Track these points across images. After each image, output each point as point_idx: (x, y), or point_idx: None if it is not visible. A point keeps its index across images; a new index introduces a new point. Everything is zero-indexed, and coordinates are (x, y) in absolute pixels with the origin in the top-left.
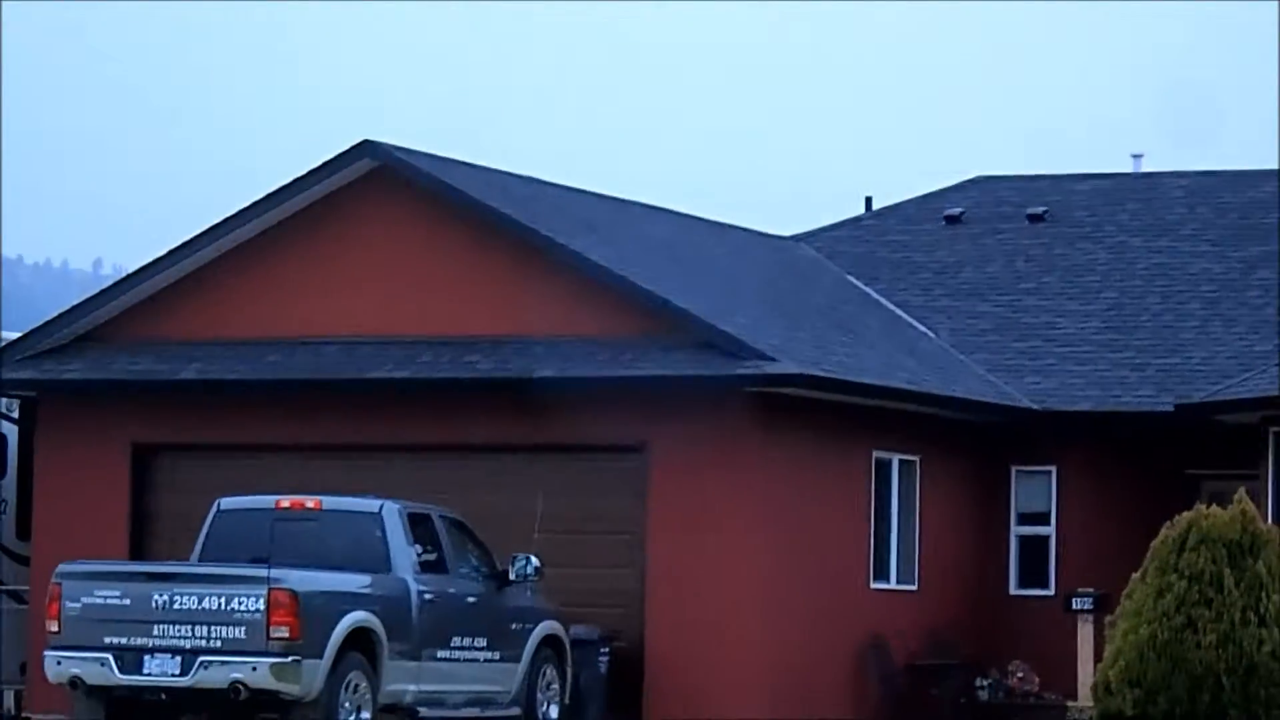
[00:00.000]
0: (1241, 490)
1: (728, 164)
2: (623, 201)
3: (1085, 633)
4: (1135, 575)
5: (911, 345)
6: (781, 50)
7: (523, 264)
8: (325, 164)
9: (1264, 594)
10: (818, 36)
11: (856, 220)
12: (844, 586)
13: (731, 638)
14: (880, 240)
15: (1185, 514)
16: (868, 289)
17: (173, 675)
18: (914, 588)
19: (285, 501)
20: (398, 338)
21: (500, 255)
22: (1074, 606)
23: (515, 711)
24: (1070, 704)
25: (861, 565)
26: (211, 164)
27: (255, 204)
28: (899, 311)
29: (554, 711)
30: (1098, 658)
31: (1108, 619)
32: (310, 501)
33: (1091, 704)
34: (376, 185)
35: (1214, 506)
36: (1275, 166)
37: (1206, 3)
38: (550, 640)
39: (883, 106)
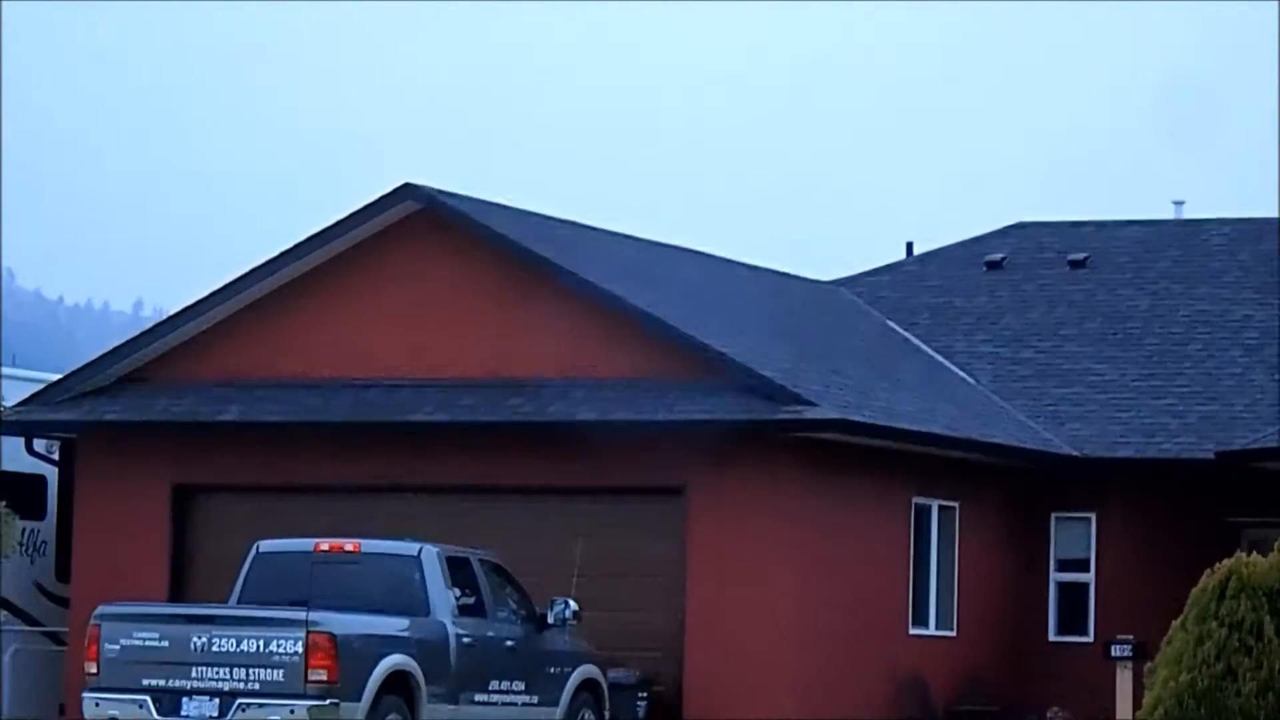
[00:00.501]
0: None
1: (768, 208)
2: (662, 246)
3: (1124, 680)
4: (1175, 623)
5: (951, 391)
6: (822, 93)
7: (563, 306)
8: (367, 206)
9: None
10: (858, 80)
11: (897, 265)
12: (882, 632)
13: (769, 683)
14: (921, 285)
15: (1225, 561)
16: (908, 334)
17: (210, 717)
18: (953, 633)
19: (324, 544)
20: (438, 380)
21: (542, 298)
22: (1113, 654)
23: None
24: None
25: (900, 611)
26: (253, 207)
27: (297, 246)
28: (939, 357)
29: None
30: (1137, 705)
31: (1147, 666)
32: (349, 544)
33: None
34: (417, 227)
35: (1254, 554)
36: None
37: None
38: (588, 684)
39: (925, 151)
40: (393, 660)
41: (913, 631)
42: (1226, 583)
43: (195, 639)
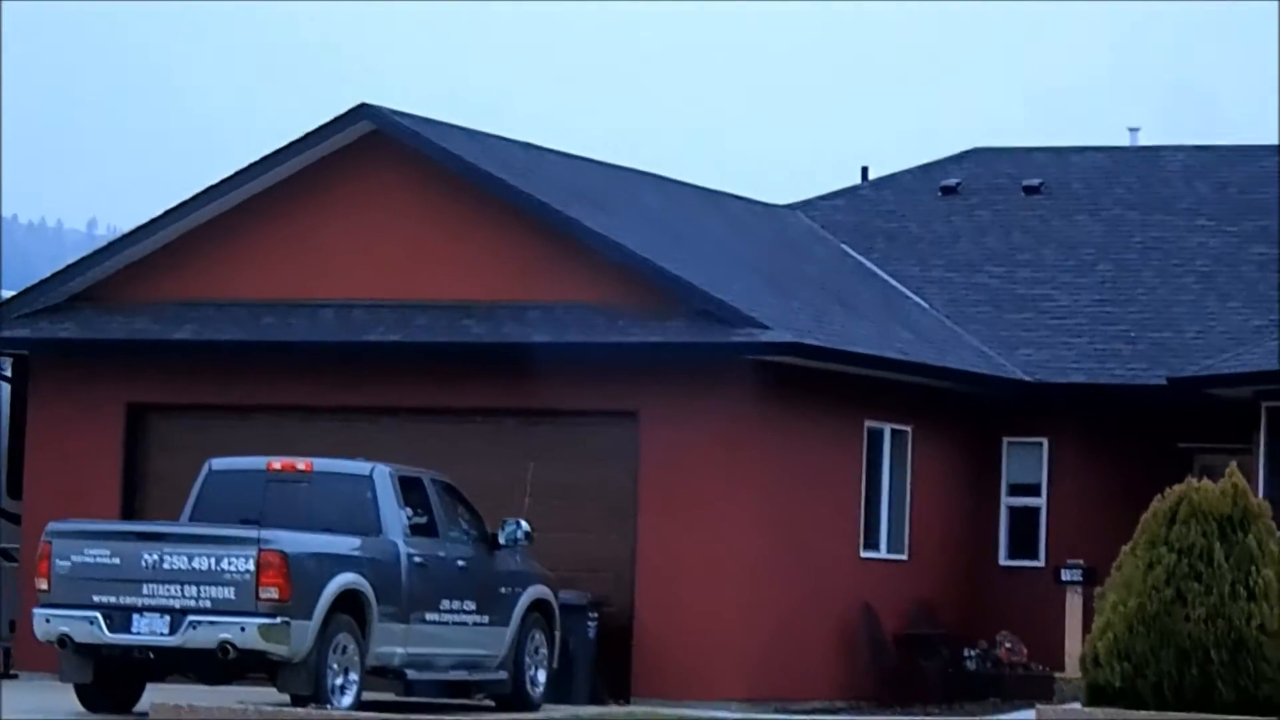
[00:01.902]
0: (1233, 464)
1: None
2: (620, 169)
3: (1074, 605)
4: (1125, 548)
5: (906, 316)
6: (779, 19)
7: (519, 231)
8: (322, 127)
9: (1254, 568)
10: (816, 5)
11: (853, 190)
12: (834, 556)
13: (720, 604)
14: (876, 211)
15: (1176, 487)
16: (863, 259)
17: (161, 635)
18: (904, 558)
19: (276, 463)
20: (392, 302)
21: (496, 222)
22: (1064, 578)
23: (503, 675)
24: (1058, 675)
25: (852, 535)
26: (208, 126)
27: (251, 166)
28: (894, 282)
29: (542, 676)
30: (1086, 630)
31: (1097, 591)
32: (301, 464)
33: (1079, 676)
34: (373, 149)
35: (1205, 480)
36: (1274, 141)
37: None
38: (539, 605)
39: (880, 77)
40: (344, 579)
41: (864, 555)
42: (1177, 508)
43: (146, 556)
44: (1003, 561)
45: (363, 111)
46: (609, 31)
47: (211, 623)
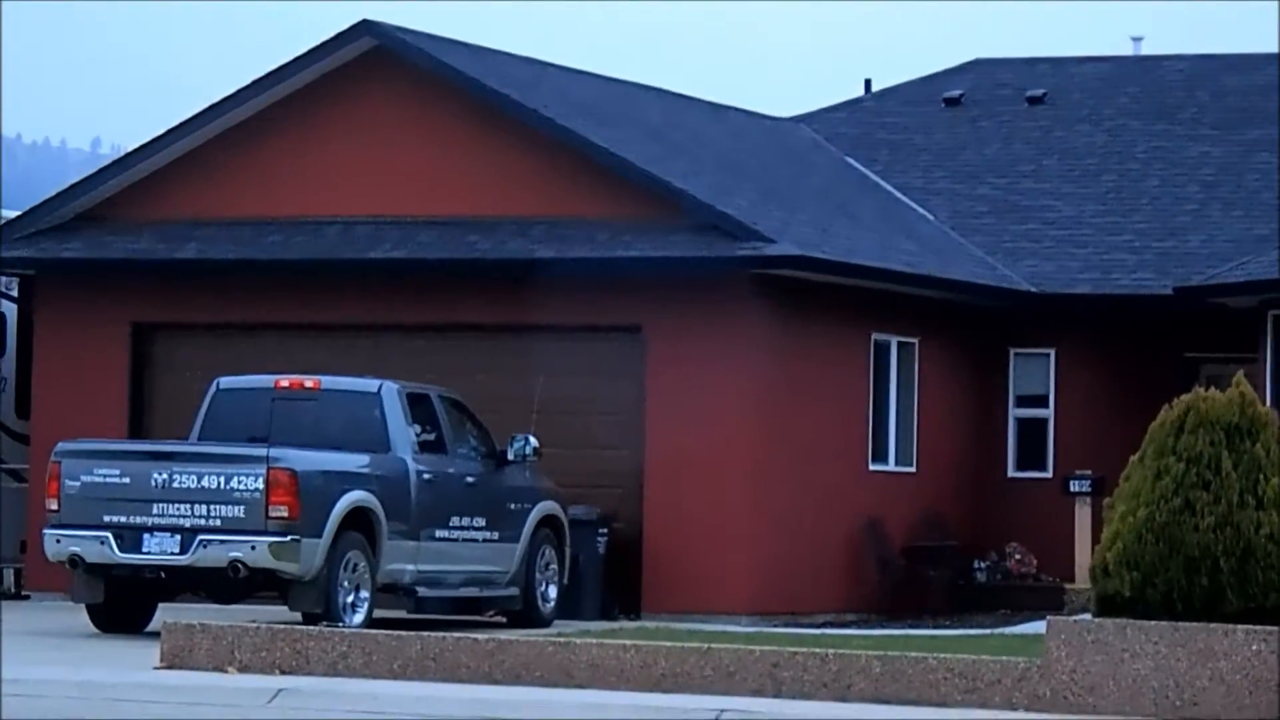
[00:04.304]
0: (1240, 373)
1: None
2: (622, 83)
3: (1083, 515)
4: (1133, 458)
5: (910, 228)
6: None
7: (522, 146)
8: (324, 43)
9: (1261, 477)
10: None
11: (855, 102)
12: (842, 469)
13: (728, 518)
14: (879, 122)
15: (1183, 397)
16: (866, 171)
17: (171, 554)
18: (912, 470)
19: (284, 381)
20: (396, 219)
21: (499, 137)
22: (1072, 489)
23: (514, 591)
24: (1068, 586)
25: (860, 448)
26: (212, 43)
27: (253, 83)
28: (898, 194)
29: (552, 591)
30: (1095, 540)
31: (1105, 501)
32: (309, 381)
33: (1089, 586)
34: (375, 66)
35: (1212, 389)
36: (1276, 50)
37: None
38: (549, 520)
39: None
40: (353, 496)
41: (872, 468)
42: (1184, 418)
43: (156, 475)
44: (1011, 473)
45: (364, 28)
46: None
47: (222, 541)
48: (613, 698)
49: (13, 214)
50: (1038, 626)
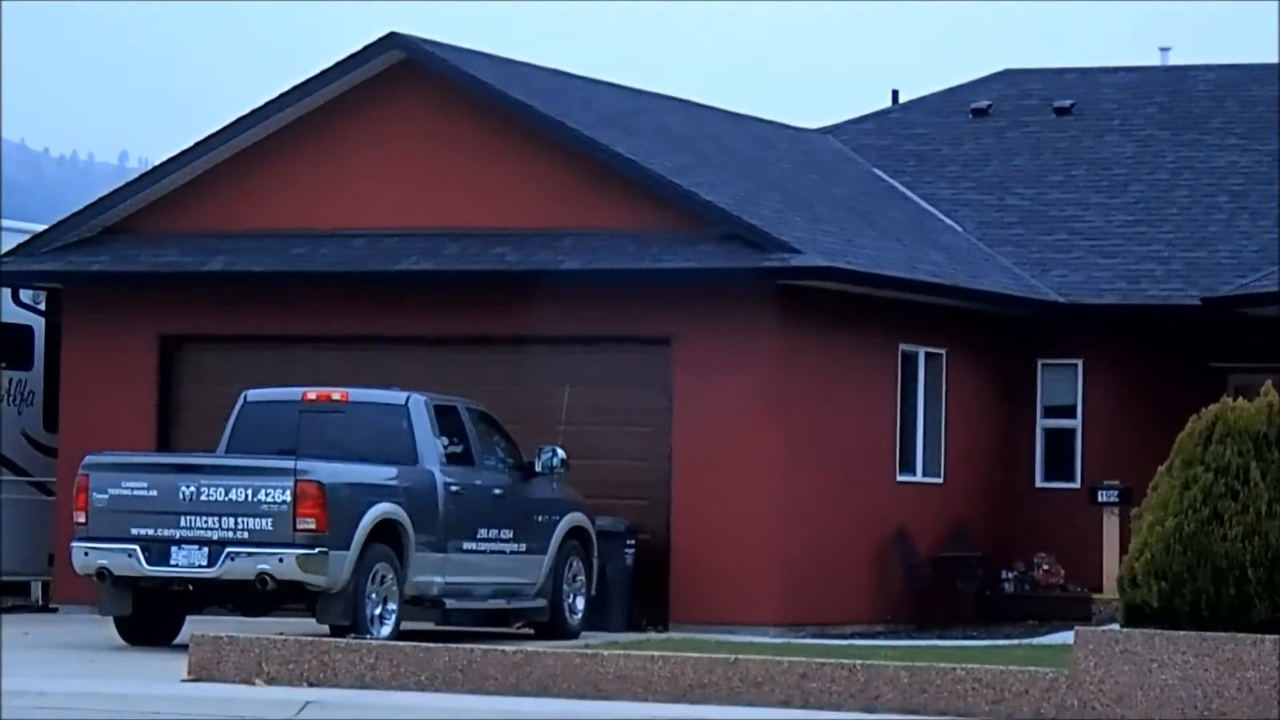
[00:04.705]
0: (1268, 383)
1: (753, 56)
2: (645, 94)
3: (1110, 525)
4: (1161, 468)
5: (937, 238)
6: None
7: (549, 158)
8: (351, 56)
9: None
10: None
11: (883, 113)
12: (869, 480)
13: (756, 530)
14: (906, 133)
15: (1211, 406)
16: (893, 182)
17: (199, 566)
18: (939, 480)
19: (312, 393)
20: (423, 230)
21: (526, 149)
22: (1099, 499)
23: (541, 603)
24: (1095, 596)
25: (887, 458)
26: (240, 57)
27: (281, 96)
28: (925, 205)
29: (580, 603)
30: (1123, 551)
31: (1133, 512)
32: (337, 394)
33: (1117, 596)
34: (402, 78)
35: (1240, 399)
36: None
37: None
38: (576, 532)
39: None
40: (381, 509)
41: (899, 479)
42: (1212, 428)
43: (184, 488)
44: (1038, 483)
45: (392, 40)
46: None
47: (249, 554)
48: (640, 709)
49: (40, 228)
50: (1065, 637)
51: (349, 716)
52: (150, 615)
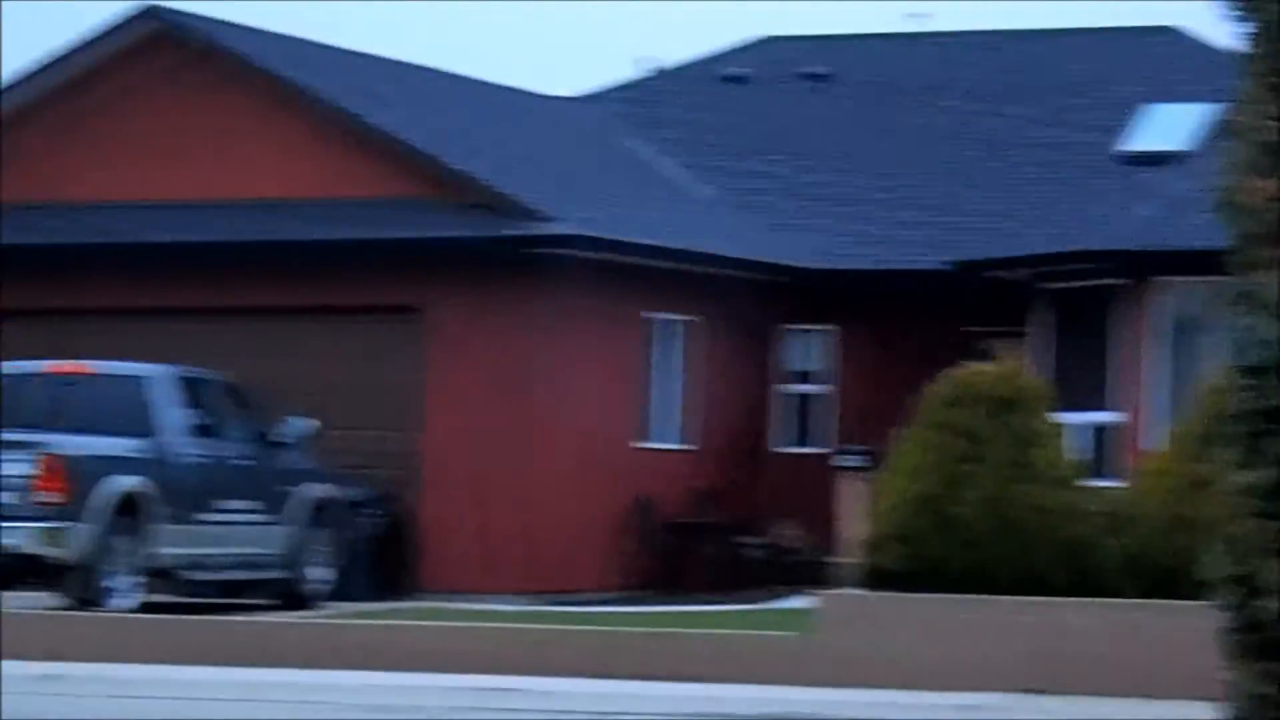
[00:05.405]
0: (1004, 346)
1: (508, 21)
2: (409, 65)
3: (853, 490)
4: (905, 432)
5: (691, 206)
6: None
7: (305, 129)
8: (111, 29)
9: (1029, 449)
10: None
11: (640, 82)
12: (612, 448)
13: (497, 499)
14: (661, 101)
15: (953, 370)
16: (649, 150)
17: None
18: (685, 447)
19: (58, 367)
20: (174, 202)
21: (283, 120)
22: (842, 464)
23: (285, 573)
24: (837, 560)
25: (632, 425)
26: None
27: (44, 68)
28: (681, 172)
29: (325, 573)
30: (867, 516)
31: (874, 476)
32: (81, 366)
33: (859, 561)
34: (165, 49)
35: (982, 363)
36: (1055, 25)
37: None
38: (322, 503)
39: None
40: (123, 482)
41: (644, 445)
42: (954, 392)
43: None
44: (787, 449)
45: (149, 12)
46: None
47: None
48: (381, 678)
49: None
50: (808, 601)
51: (90, 690)
52: None
